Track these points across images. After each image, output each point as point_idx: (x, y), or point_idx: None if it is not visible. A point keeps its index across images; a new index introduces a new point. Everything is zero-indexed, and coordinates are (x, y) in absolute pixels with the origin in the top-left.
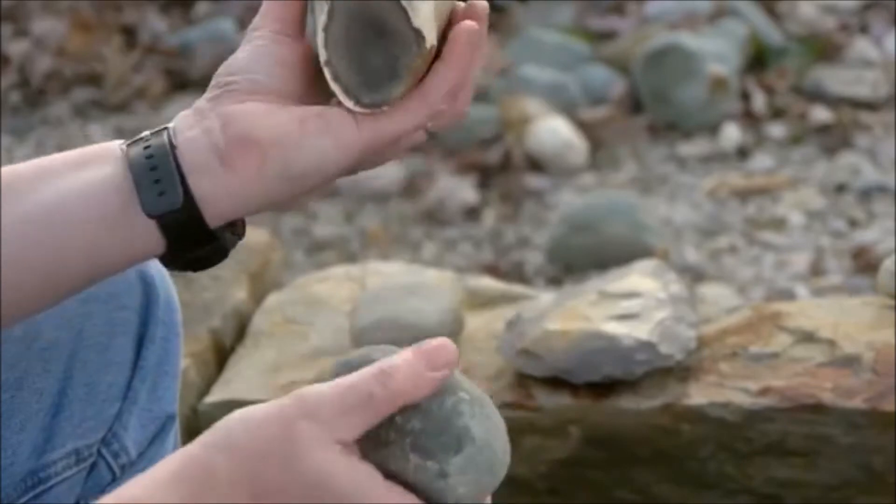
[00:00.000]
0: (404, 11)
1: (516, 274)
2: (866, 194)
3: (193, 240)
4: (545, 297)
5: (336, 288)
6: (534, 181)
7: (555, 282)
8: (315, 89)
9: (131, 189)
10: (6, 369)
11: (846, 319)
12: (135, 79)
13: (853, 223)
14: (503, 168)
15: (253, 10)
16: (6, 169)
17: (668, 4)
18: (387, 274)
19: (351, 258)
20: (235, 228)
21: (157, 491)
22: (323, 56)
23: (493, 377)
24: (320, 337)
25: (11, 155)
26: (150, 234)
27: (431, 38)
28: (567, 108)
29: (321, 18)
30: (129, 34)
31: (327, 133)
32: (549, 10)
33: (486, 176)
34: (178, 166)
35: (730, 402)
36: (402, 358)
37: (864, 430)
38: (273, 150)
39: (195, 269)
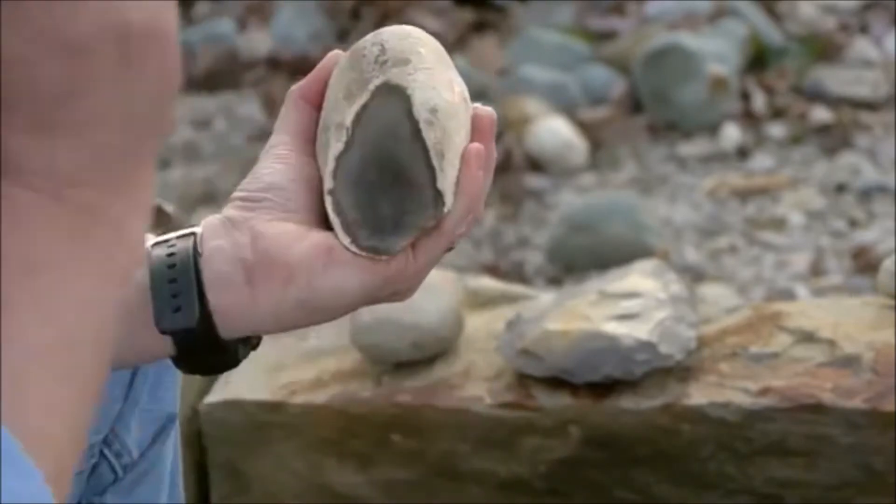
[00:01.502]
0: (432, 171)
1: (516, 274)
2: (866, 194)
3: (205, 351)
4: (545, 297)
5: None
6: (534, 181)
7: (555, 282)
8: None
9: (148, 294)
10: None
11: (846, 319)
12: None
13: (853, 223)
14: (503, 168)
15: (253, 11)
16: None
17: (668, 4)
18: None
19: None
20: (249, 341)
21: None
22: (328, 184)
23: (493, 377)
24: (320, 337)
25: None
26: (162, 341)
27: (450, 203)
28: (567, 108)
29: (335, 145)
30: None
31: (353, 265)
32: (549, 10)
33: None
34: (199, 279)
35: (730, 402)
36: None
37: (864, 430)
38: (300, 276)
39: (204, 374)
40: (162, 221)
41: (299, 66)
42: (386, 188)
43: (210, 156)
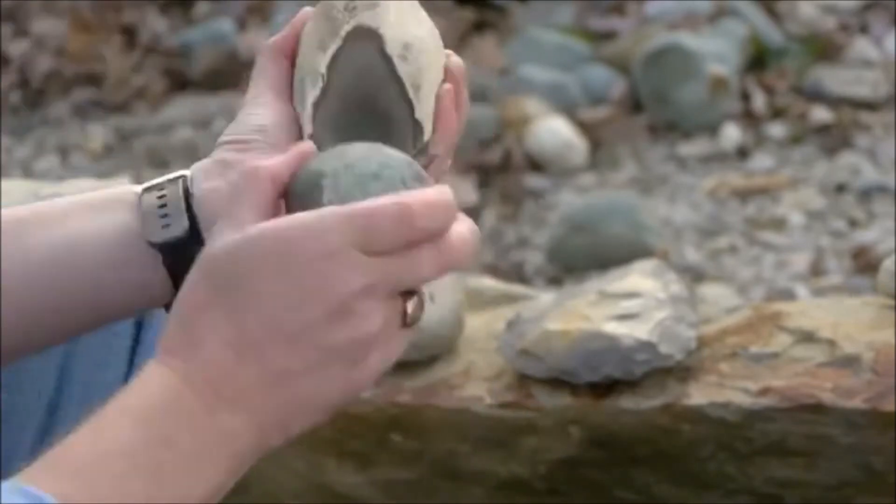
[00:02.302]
0: (409, 103)
1: (516, 274)
2: (866, 194)
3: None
4: (545, 297)
5: None
6: (534, 181)
7: (555, 282)
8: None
9: (140, 235)
10: (5, 369)
11: (846, 319)
12: (135, 79)
13: (853, 223)
14: (503, 168)
15: (253, 11)
16: (25, 207)
17: (668, 4)
18: None
19: None
20: None
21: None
22: (308, 129)
23: (493, 377)
24: None
25: (11, 155)
26: (159, 281)
27: (429, 132)
28: (567, 108)
29: (311, 92)
30: (129, 34)
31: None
32: (549, 10)
33: (486, 176)
34: (189, 206)
35: (730, 402)
36: None
37: (864, 430)
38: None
39: None
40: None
41: None
42: (365, 127)
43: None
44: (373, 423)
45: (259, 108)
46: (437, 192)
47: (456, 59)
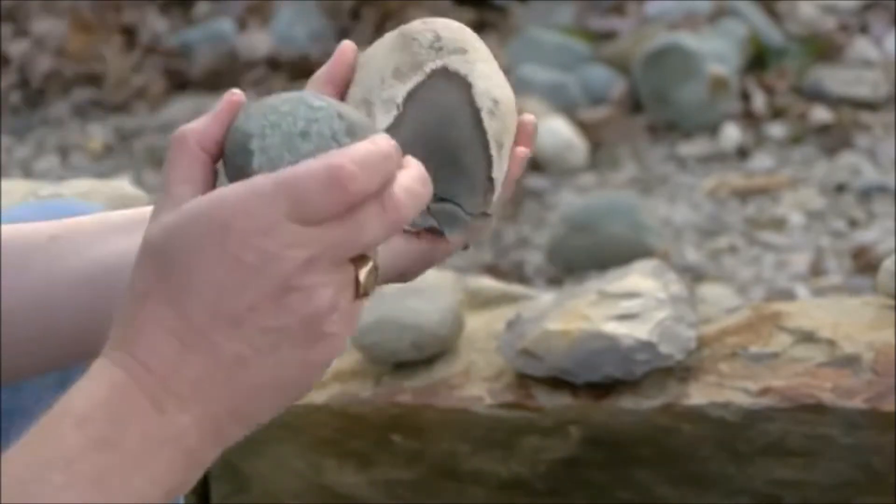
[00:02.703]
0: (489, 159)
1: (516, 274)
2: (866, 194)
3: None
4: (545, 297)
5: None
6: (534, 181)
7: (555, 282)
8: None
9: None
10: (4, 368)
11: (846, 319)
12: (135, 79)
13: (853, 223)
14: None
15: (253, 11)
16: (57, 224)
17: (668, 4)
18: None
19: None
20: None
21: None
22: None
23: (493, 377)
24: None
25: (11, 155)
26: None
27: (498, 193)
28: (567, 108)
29: (381, 118)
30: (129, 34)
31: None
32: (549, 10)
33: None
34: None
35: (730, 402)
36: None
37: (864, 430)
38: None
39: None
40: None
41: (299, 66)
42: (434, 169)
43: None
44: (373, 423)
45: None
46: (371, 146)
47: (530, 117)
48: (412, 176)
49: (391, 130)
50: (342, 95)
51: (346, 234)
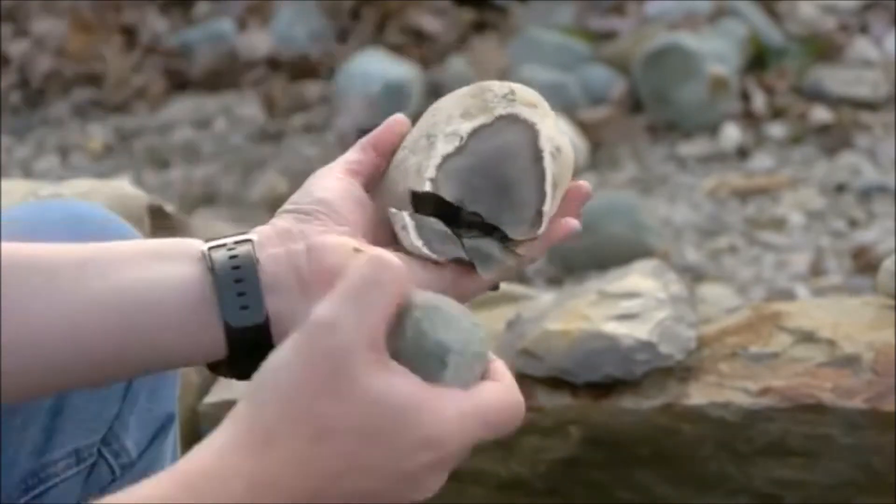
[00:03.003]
0: (542, 195)
1: (516, 274)
2: (866, 194)
3: (255, 354)
4: (545, 297)
5: None
6: None
7: (555, 282)
8: (383, 235)
9: (209, 293)
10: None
11: (846, 319)
12: (135, 79)
13: (853, 223)
14: None
15: (253, 11)
16: (84, 248)
17: (668, 4)
18: None
19: None
20: None
21: (221, 461)
22: (430, 173)
23: None
24: None
25: (11, 155)
26: (216, 340)
27: (544, 228)
28: (567, 108)
29: (443, 147)
30: (129, 34)
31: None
32: (549, 10)
33: None
34: (260, 283)
35: (730, 402)
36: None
37: (864, 430)
38: None
39: (241, 378)
40: (162, 221)
41: (299, 66)
42: (486, 194)
43: (210, 156)
44: None
45: (326, 180)
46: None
47: (586, 185)
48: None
49: (450, 158)
50: (387, 161)
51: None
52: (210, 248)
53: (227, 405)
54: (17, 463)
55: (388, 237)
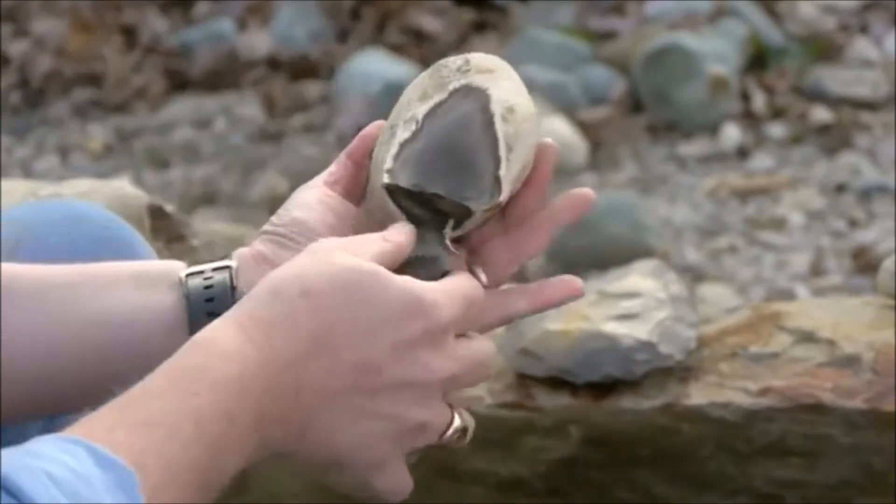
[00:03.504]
0: (497, 160)
1: (516, 274)
2: (866, 194)
3: None
4: None
5: None
6: None
7: None
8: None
9: (183, 319)
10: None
11: (846, 319)
12: (135, 79)
13: (853, 223)
14: None
15: (253, 11)
16: (71, 270)
17: (668, 4)
18: None
19: None
20: None
21: (215, 332)
22: (388, 164)
23: (493, 377)
24: None
25: (11, 155)
26: None
27: (505, 196)
28: (567, 108)
29: (401, 134)
30: (129, 34)
31: None
32: (549, 10)
33: None
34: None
35: (730, 402)
36: None
37: (864, 430)
38: None
39: None
40: (162, 222)
41: (299, 66)
42: (445, 171)
43: (210, 156)
44: None
45: (303, 195)
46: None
47: (552, 143)
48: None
49: (407, 144)
50: (365, 167)
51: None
52: (187, 275)
53: None
54: None
55: None
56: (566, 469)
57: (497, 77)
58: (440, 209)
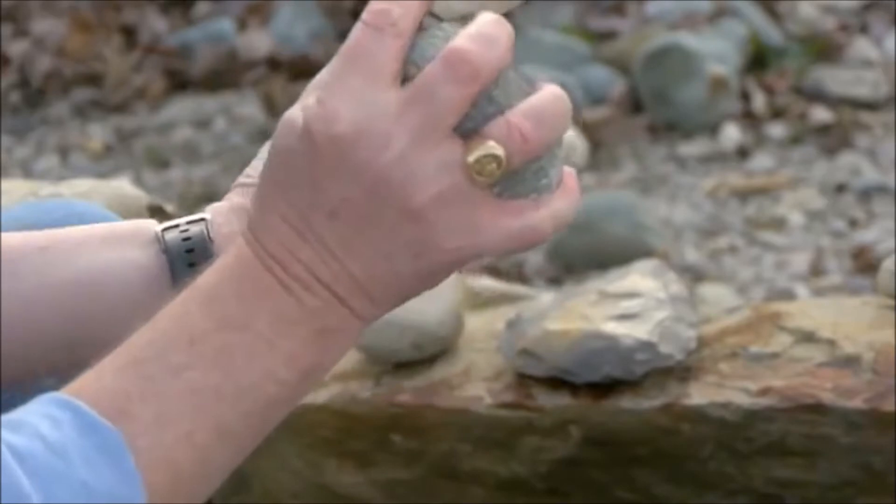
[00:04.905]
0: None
1: (516, 274)
2: (866, 194)
3: None
4: (545, 297)
5: None
6: None
7: (555, 282)
8: None
9: (164, 274)
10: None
11: (846, 319)
12: (135, 79)
13: (853, 223)
14: None
15: (253, 11)
16: (43, 235)
17: (668, 4)
18: None
19: None
20: None
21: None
22: None
23: (493, 377)
24: None
25: (11, 155)
26: None
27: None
28: None
29: None
30: (129, 34)
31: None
32: (549, 10)
33: None
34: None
35: (730, 402)
36: None
37: (864, 430)
38: None
39: None
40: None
41: (299, 66)
42: None
43: (210, 156)
44: (373, 423)
45: None
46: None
47: None
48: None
49: None
50: None
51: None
52: (164, 230)
53: None
54: None
55: None
56: (566, 469)
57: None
58: None
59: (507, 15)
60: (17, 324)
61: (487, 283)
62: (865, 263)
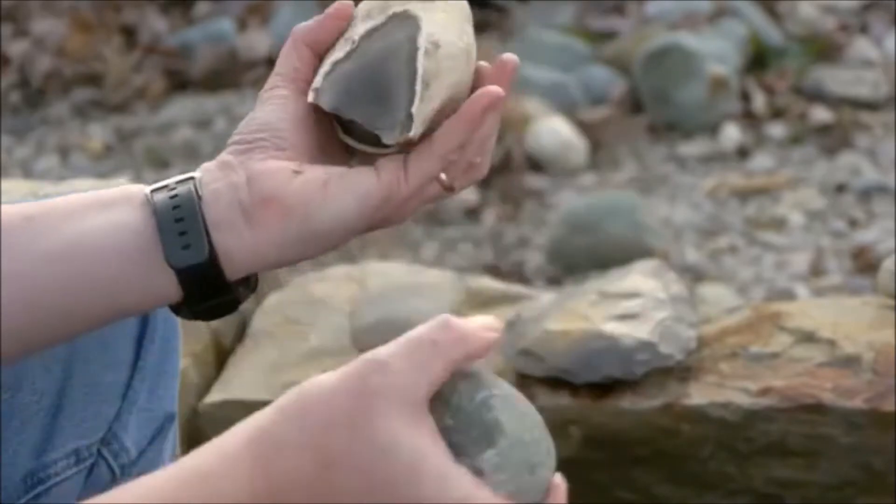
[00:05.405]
0: (412, 95)
1: (516, 274)
2: (866, 194)
3: (210, 292)
4: (545, 297)
5: (336, 288)
6: (534, 181)
7: (555, 282)
8: (331, 143)
9: (154, 236)
10: (6, 369)
11: (846, 319)
12: (135, 79)
13: (853, 223)
14: (503, 168)
15: (253, 11)
16: (29, 205)
17: (668, 4)
18: (387, 274)
19: (351, 258)
20: (249, 282)
21: (225, 463)
22: (317, 83)
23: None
24: (320, 337)
25: (11, 155)
26: (169, 282)
27: (416, 133)
28: (567, 108)
29: (337, 53)
30: (129, 34)
31: (349, 193)
32: (549, 10)
33: (486, 176)
34: (204, 220)
35: (730, 402)
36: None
37: (864, 430)
38: (296, 211)
39: (205, 319)
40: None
41: None
42: (364, 98)
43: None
44: None
45: (269, 104)
46: None
47: (511, 56)
48: None
49: (340, 64)
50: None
51: None
52: (152, 191)
53: (227, 405)
54: (16, 463)
55: (337, 151)
56: (566, 469)
57: (437, 8)
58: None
59: (503, 15)
60: (11, 298)
61: (487, 283)
62: (865, 263)
